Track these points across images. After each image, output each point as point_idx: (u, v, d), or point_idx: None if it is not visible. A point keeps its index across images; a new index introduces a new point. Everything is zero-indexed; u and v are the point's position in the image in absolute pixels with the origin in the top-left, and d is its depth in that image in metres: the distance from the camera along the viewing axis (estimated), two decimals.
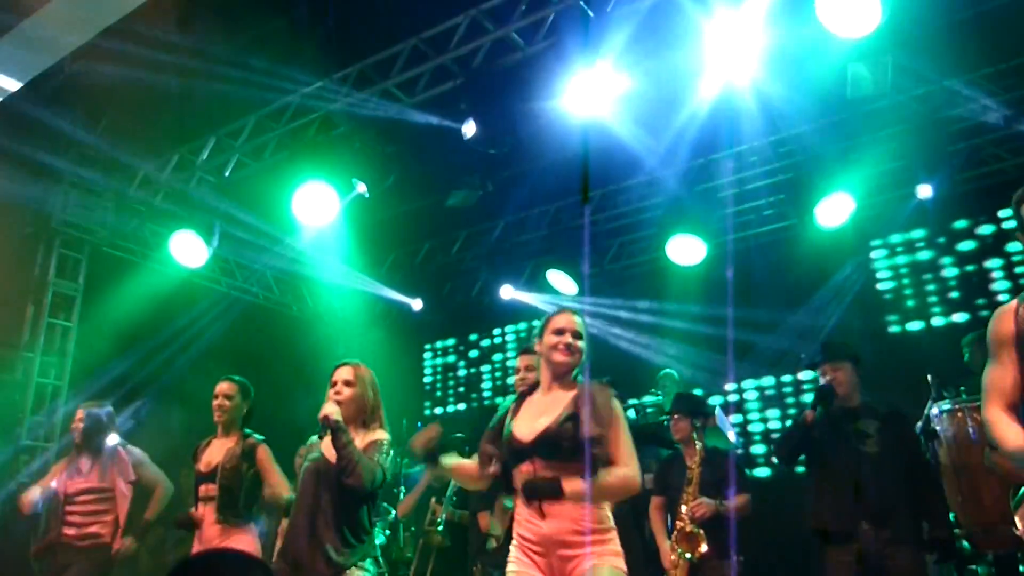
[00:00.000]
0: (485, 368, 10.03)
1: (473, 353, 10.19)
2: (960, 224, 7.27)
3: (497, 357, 9.97)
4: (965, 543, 4.90)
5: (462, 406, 10.06)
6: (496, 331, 10.02)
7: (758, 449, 7.75)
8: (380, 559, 3.63)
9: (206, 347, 7.86)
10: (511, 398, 3.27)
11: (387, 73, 6.43)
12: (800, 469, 4.66)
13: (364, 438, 3.62)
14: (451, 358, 10.34)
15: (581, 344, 3.09)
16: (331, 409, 3.49)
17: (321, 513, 3.44)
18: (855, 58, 5.68)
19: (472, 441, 3.56)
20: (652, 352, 8.10)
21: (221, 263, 8.67)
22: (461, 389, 10.17)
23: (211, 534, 4.30)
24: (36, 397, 7.05)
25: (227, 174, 7.40)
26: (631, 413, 6.45)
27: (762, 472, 7.63)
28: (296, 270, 9.22)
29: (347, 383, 3.66)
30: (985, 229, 7.16)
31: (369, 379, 3.74)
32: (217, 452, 4.48)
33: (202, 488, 4.40)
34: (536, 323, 3.28)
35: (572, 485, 2.86)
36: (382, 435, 3.66)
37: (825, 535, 4.26)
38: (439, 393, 10.32)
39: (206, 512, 4.34)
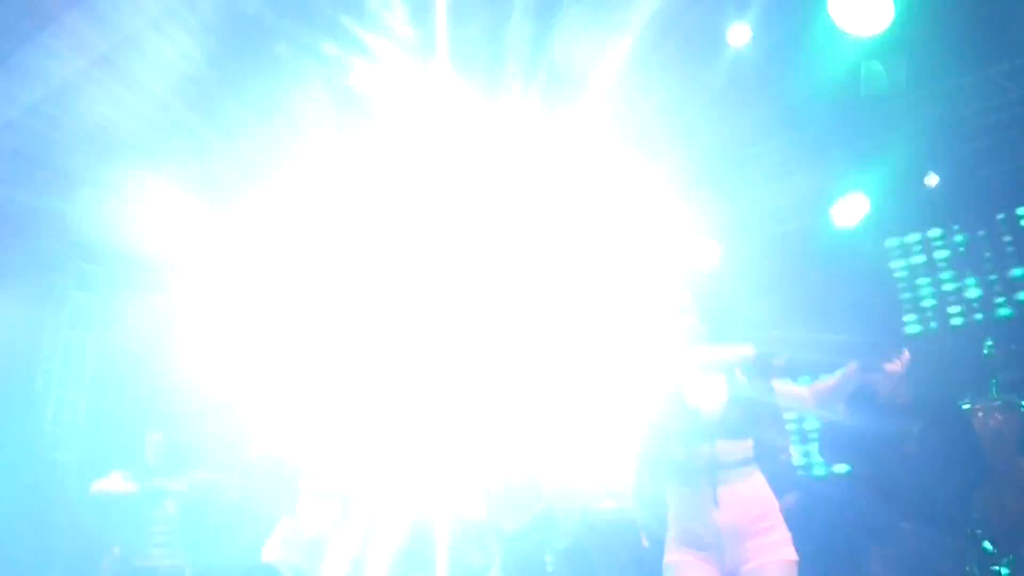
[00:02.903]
0: None
1: None
2: (978, 221, 7.19)
3: None
4: (987, 544, 4.85)
5: None
6: None
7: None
8: None
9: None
10: None
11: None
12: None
13: None
14: None
15: (691, 318, 3.01)
16: None
17: None
18: (869, 56, 5.65)
19: None
20: None
21: None
22: None
23: None
24: (56, 409, 7.09)
25: None
26: None
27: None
28: None
29: None
30: (1003, 226, 7.07)
31: None
32: None
33: None
34: None
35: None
36: None
37: (868, 533, 4.22)
38: None
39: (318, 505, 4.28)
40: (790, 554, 2.72)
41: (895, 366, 2.81)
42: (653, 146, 7.13)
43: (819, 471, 7.35)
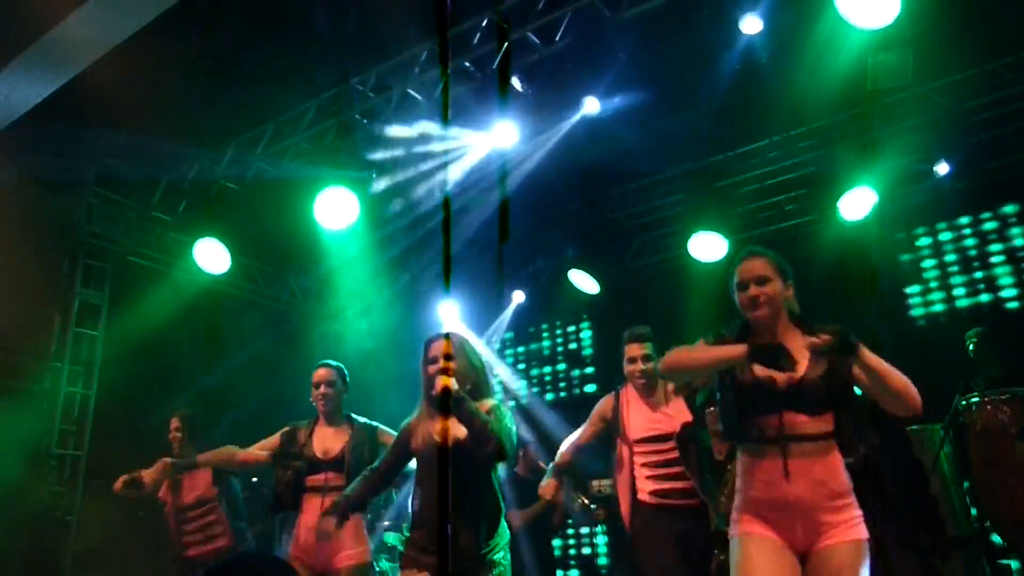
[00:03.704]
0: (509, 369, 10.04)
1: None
2: (985, 214, 7.18)
3: (521, 358, 9.96)
4: (996, 537, 4.84)
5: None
6: (520, 332, 10.02)
7: None
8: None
9: (231, 353, 7.93)
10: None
11: (406, 75, 6.46)
12: None
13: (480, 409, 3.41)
14: None
15: (769, 288, 2.81)
16: (449, 381, 3.26)
17: (452, 502, 3.20)
18: (875, 49, 5.63)
19: None
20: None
21: (244, 269, 8.73)
22: None
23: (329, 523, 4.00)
24: (64, 406, 7.12)
25: (247, 181, 7.47)
26: None
27: None
28: (318, 275, 9.28)
29: (447, 356, 3.46)
30: (1011, 219, 7.06)
31: (469, 347, 3.56)
32: (332, 440, 4.22)
33: (318, 477, 4.13)
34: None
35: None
36: (494, 400, 3.47)
37: None
38: None
39: (321, 501, 4.05)
40: (861, 533, 2.63)
41: None
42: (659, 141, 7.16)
43: None
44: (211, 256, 7.51)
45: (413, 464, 3.69)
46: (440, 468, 3.24)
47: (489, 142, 6.61)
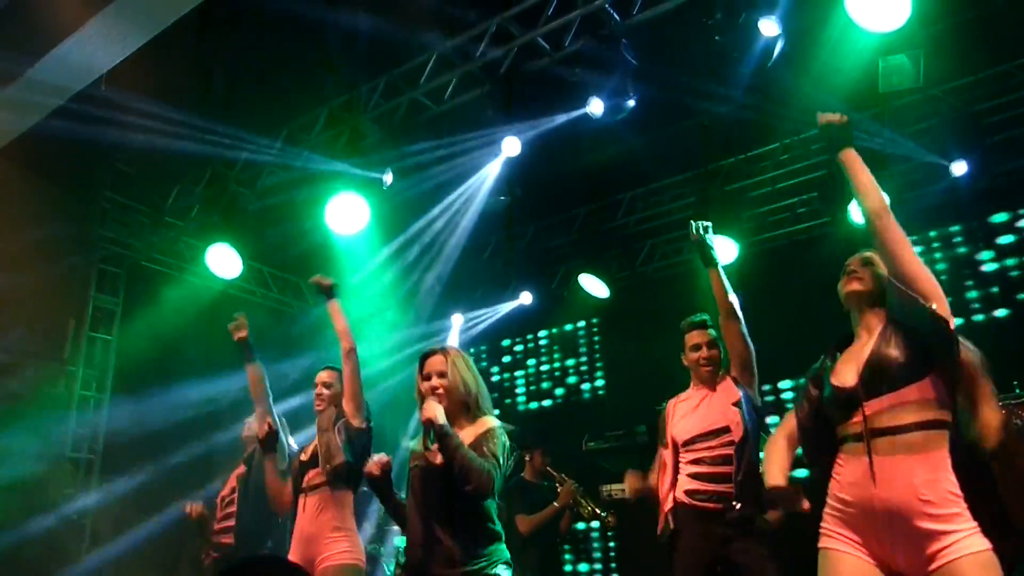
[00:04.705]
0: (519, 373, 10.02)
1: (506, 359, 10.19)
2: (998, 218, 7.13)
3: (531, 362, 9.96)
4: None
5: (496, 411, 10.01)
6: (529, 336, 10.01)
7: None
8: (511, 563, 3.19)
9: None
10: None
11: (415, 82, 6.49)
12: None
13: (472, 431, 3.21)
14: (483, 364, 10.33)
15: (870, 271, 2.78)
16: (435, 411, 3.06)
17: (436, 519, 3.06)
18: (886, 52, 5.62)
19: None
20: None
21: (256, 274, 8.77)
22: (495, 394, 10.12)
23: (313, 523, 4.03)
24: (79, 410, 7.18)
25: (259, 186, 7.52)
26: None
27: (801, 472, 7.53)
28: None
29: (440, 374, 3.23)
30: None
31: (464, 363, 3.32)
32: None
33: (306, 478, 4.13)
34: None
35: None
36: (491, 422, 3.27)
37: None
38: None
39: (308, 502, 4.07)
40: (979, 544, 2.17)
41: None
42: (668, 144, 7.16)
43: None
44: (223, 261, 7.56)
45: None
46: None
47: (498, 148, 6.61)
